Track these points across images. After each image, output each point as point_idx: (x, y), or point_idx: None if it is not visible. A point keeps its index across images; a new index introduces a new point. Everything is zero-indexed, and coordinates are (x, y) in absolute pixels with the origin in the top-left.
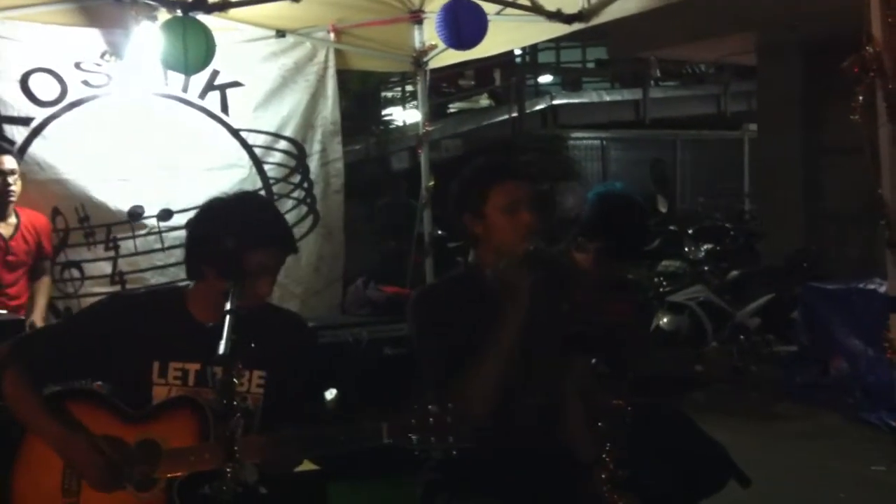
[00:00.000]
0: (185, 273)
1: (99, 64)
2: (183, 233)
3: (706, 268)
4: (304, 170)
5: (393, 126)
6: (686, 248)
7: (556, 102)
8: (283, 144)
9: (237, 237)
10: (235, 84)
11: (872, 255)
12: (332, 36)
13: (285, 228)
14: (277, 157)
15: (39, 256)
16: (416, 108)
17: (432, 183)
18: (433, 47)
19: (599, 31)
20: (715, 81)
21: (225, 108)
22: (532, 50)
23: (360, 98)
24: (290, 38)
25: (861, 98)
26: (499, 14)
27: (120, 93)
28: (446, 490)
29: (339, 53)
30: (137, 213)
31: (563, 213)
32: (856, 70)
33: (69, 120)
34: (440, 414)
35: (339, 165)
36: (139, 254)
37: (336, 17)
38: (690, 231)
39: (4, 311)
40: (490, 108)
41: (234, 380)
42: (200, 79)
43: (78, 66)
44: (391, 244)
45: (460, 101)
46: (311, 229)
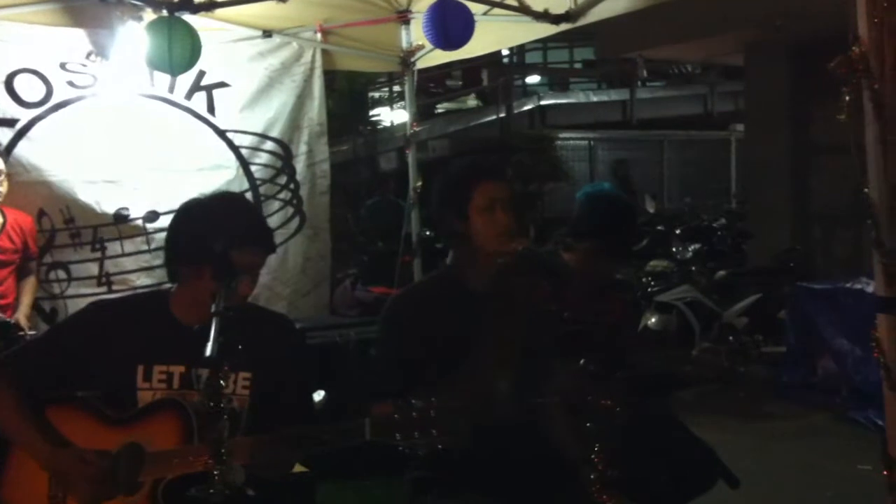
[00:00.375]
0: (167, 275)
1: (84, 64)
2: None
3: (694, 268)
4: (290, 171)
5: (380, 126)
6: (674, 248)
7: (543, 103)
8: (269, 145)
9: (216, 238)
10: (222, 85)
11: (859, 255)
12: (320, 36)
13: (264, 228)
14: (264, 157)
15: (25, 256)
16: (404, 108)
17: (420, 183)
18: (420, 47)
19: (587, 32)
20: (702, 82)
21: (211, 109)
22: (519, 50)
23: (348, 98)
24: (277, 39)
25: (848, 98)
26: (486, 14)
27: (105, 94)
28: (433, 488)
29: (326, 54)
30: (124, 215)
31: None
32: (843, 70)
33: (55, 121)
34: (423, 409)
35: (326, 166)
36: (126, 255)
37: (323, 17)
38: (678, 231)
39: None
40: (478, 108)
41: (221, 382)
42: (187, 79)
43: (63, 66)
44: (379, 245)
45: (448, 101)
46: (298, 230)
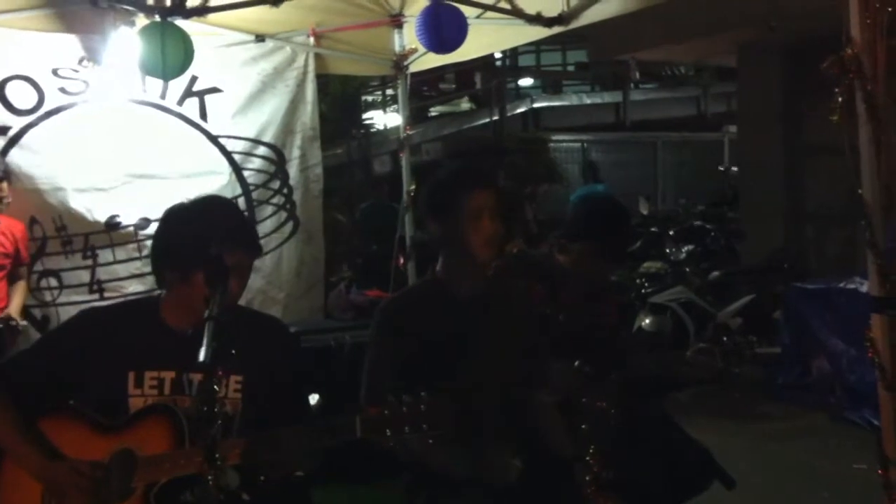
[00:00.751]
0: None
1: (76, 70)
2: None
3: (688, 269)
4: (283, 175)
5: (374, 130)
6: (667, 250)
7: (536, 105)
8: (262, 150)
9: (202, 241)
10: (214, 90)
11: (852, 255)
12: (312, 40)
13: (248, 229)
14: (257, 163)
15: (16, 262)
16: (397, 111)
17: (414, 186)
18: (413, 51)
19: (579, 34)
20: (695, 83)
21: (204, 115)
22: (512, 53)
23: (341, 102)
24: (270, 43)
25: (840, 99)
26: (479, 17)
27: (97, 100)
28: (428, 488)
29: (319, 57)
30: (115, 222)
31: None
32: (835, 71)
33: (46, 129)
34: (413, 404)
35: (319, 171)
36: (118, 262)
37: (316, 21)
38: (672, 232)
39: None
40: (471, 111)
41: (215, 386)
42: (179, 85)
43: (55, 72)
44: (373, 248)
45: (441, 104)
46: (292, 234)
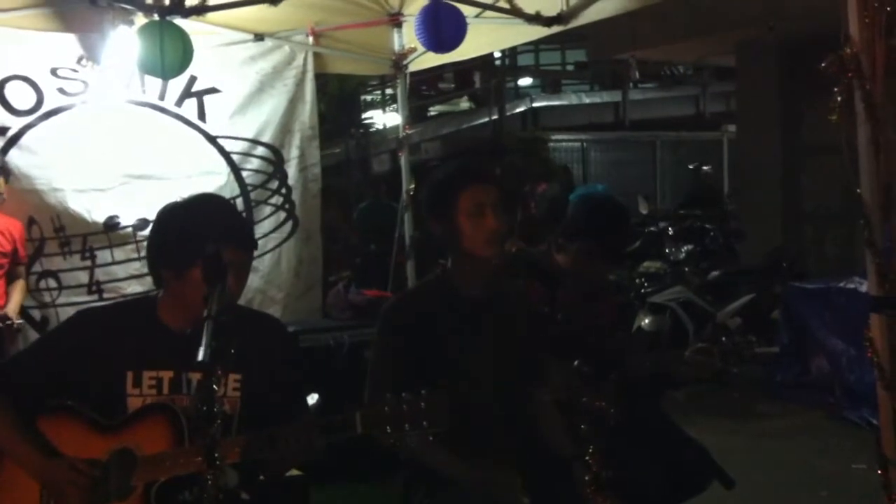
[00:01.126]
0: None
1: (75, 70)
2: None
3: (687, 268)
4: (282, 175)
5: (373, 129)
6: (667, 249)
7: (535, 105)
8: (260, 150)
9: (197, 240)
10: (213, 90)
11: (851, 254)
12: (311, 39)
13: (244, 226)
14: (255, 163)
15: (14, 262)
16: (396, 111)
17: (413, 185)
18: (412, 50)
19: (579, 34)
20: (694, 83)
21: (202, 116)
22: (512, 52)
23: (340, 101)
24: (269, 42)
25: (839, 98)
26: (478, 17)
27: (96, 101)
28: (425, 485)
29: (317, 56)
30: (114, 223)
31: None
32: (834, 70)
33: (45, 129)
34: (413, 401)
35: (317, 170)
36: (116, 263)
37: (315, 20)
38: (671, 232)
39: None
40: (470, 110)
41: (214, 386)
42: (177, 86)
43: (54, 72)
44: (372, 247)
45: (440, 103)
46: (291, 234)
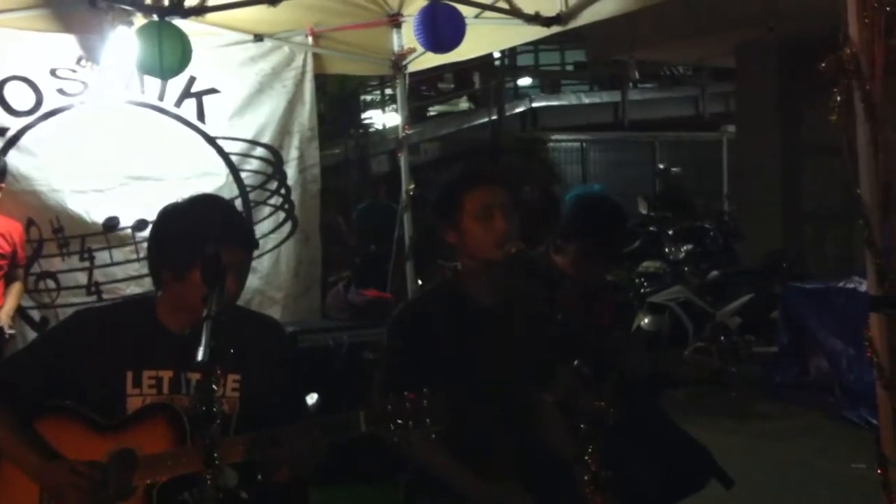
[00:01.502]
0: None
1: (74, 70)
2: None
3: (686, 268)
4: (281, 176)
5: (372, 129)
6: (666, 249)
7: (535, 105)
8: (259, 151)
9: (196, 240)
10: (212, 91)
11: (850, 254)
12: (311, 40)
13: (243, 226)
14: (254, 164)
15: (13, 263)
16: (396, 111)
17: (412, 186)
18: (412, 51)
19: (578, 34)
20: (693, 83)
21: (201, 116)
22: (511, 53)
23: (340, 102)
24: (268, 43)
25: (839, 98)
26: (477, 17)
27: (95, 101)
28: (427, 490)
29: (317, 57)
30: (112, 224)
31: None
32: (833, 71)
33: (44, 130)
34: (416, 399)
35: (316, 171)
36: (115, 264)
37: (314, 21)
38: (670, 232)
39: None
40: (469, 110)
41: (214, 386)
42: (177, 87)
43: (53, 72)
44: (372, 248)
45: (440, 104)
46: (290, 235)
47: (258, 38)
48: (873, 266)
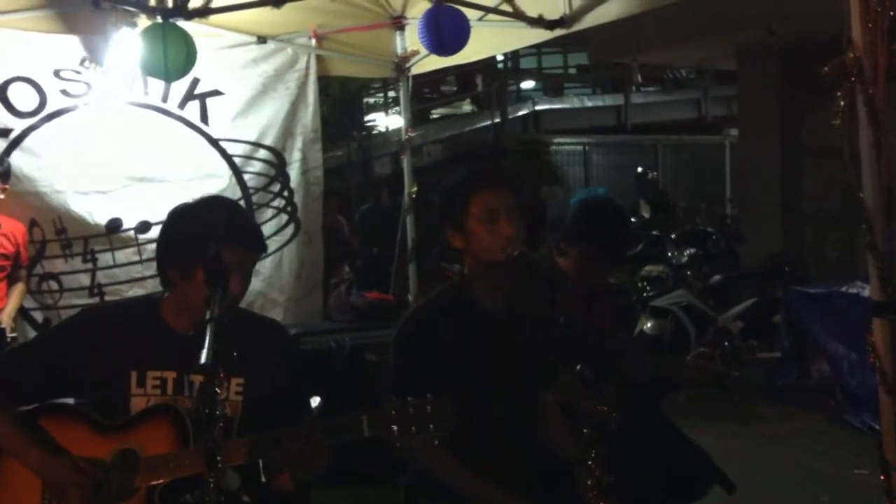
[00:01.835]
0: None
1: (78, 72)
2: None
3: (689, 272)
4: (284, 178)
5: (375, 132)
6: (669, 253)
7: (538, 108)
8: (262, 153)
9: (202, 239)
10: (215, 93)
11: (851, 258)
12: (314, 42)
13: (249, 226)
14: (257, 166)
15: (16, 264)
16: (399, 113)
17: (415, 188)
18: (415, 53)
19: (581, 37)
20: (696, 86)
21: (205, 118)
22: (514, 55)
23: (343, 104)
24: (272, 45)
25: (842, 103)
26: (481, 20)
27: (99, 103)
28: (428, 493)
29: (320, 59)
30: (115, 225)
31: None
32: (836, 75)
33: (48, 131)
34: (420, 404)
35: (319, 173)
36: (117, 266)
37: (317, 23)
38: (673, 235)
39: None
40: (472, 113)
41: (217, 389)
42: (180, 88)
43: (57, 73)
44: (374, 250)
45: (443, 106)
46: (293, 237)
47: (262, 39)
48: (876, 271)
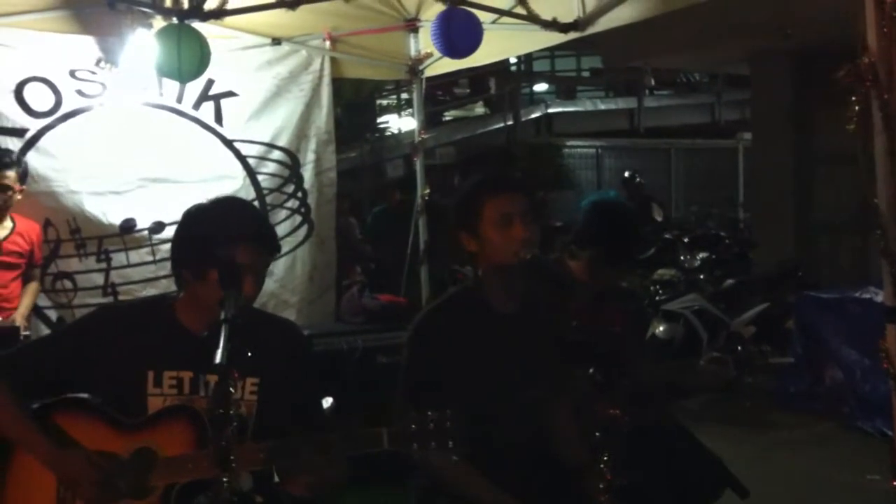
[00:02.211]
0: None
1: (94, 72)
2: None
3: (701, 276)
4: (297, 179)
5: (388, 134)
6: (681, 257)
7: (550, 111)
8: (276, 154)
9: (216, 239)
10: (230, 94)
11: (864, 264)
12: (328, 44)
13: (264, 227)
14: (271, 167)
15: (30, 263)
16: (412, 115)
17: (428, 191)
18: (428, 55)
19: (594, 40)
20: (709, 90)
21: (219, 119)
22: (527, 58)
23: (356, 106)
24: (286, 46)
25: (856, 108)
26: (494, 23)
27: (114, 103)
28: (442, 496)
29: (334, 61)
30: (129, 226)
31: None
32: (851, 80)
33: (63, 132)
34: (440, 420)
35: (333, 175)
36: (131, 266)
37: (331, 25)
38: (686, 239)
39: None
40: (485, 116)
41: (231, 389)
42: (195, 89)
43: (73, 74)
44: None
45: (455, 109)
46: (306, 239)
47: (276, 41)
48: (889, 276)
